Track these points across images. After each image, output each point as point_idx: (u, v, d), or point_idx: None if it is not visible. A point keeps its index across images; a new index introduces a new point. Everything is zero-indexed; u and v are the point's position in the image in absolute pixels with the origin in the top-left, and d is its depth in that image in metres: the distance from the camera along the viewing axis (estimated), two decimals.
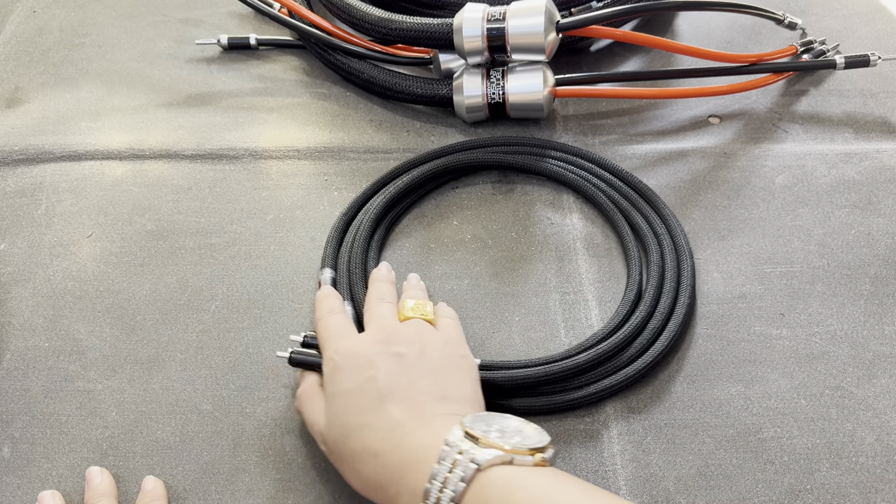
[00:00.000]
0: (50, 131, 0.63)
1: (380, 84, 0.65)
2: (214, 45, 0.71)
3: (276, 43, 0.72)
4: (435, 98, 0.64)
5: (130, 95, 0.67)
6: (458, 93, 0.61)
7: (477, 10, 0.59)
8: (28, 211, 0.57)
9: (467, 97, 0.61)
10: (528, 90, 0.60)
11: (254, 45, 0.71)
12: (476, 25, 0.58)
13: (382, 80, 0.65)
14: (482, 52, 0.59)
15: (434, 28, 0.60)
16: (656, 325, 0.48)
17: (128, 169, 0.60)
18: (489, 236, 0.56)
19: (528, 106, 0.61)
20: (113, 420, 0.46)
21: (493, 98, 0.61)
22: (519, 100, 0.60)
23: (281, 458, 0.45)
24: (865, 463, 0.44)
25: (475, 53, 0.59)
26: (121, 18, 0.76)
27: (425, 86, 0.64)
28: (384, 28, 0.62)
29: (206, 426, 0.46)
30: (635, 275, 0.52)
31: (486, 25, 0.58)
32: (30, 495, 0.43)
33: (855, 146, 0.62)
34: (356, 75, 0.66)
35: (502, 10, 0.58)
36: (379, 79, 0.65)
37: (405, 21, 0.61)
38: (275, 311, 0.52)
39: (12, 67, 0.70)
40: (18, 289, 0.53)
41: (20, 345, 0.50)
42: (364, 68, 0.66)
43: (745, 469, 0.44)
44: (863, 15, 0.73)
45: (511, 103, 0.61)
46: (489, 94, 0.60)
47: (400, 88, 0.64)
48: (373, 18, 0.63)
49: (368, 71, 0.65)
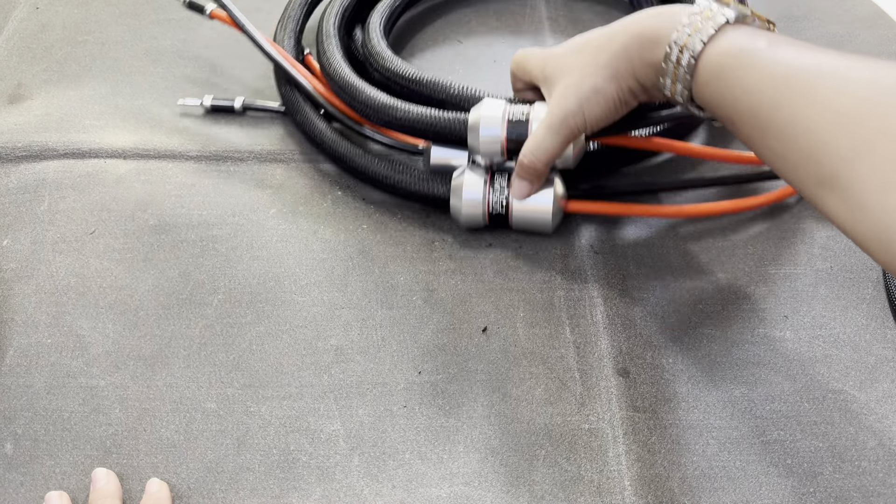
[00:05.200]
0: (53, 128, 0.63)
1: (370, 174, 0.57)
2: (197, 106, 0.65)
3: (263, 109, 0.65)
4: (428, 197, 0.56)
5: (134, 94, 0.67)
6: (456, 196, 0.53)
7: (497, 108, 0.52)
8: (31, 207, 0.57)
9: (466, 202, 0.53)
10: (536, 204, 0.52)
11: (238, 109, 0.65)
12: (495, 125, 0.51)
13: (374, 170, 0.57)
14: (499, 155, 0.52)
15: (445, 122, 0.54)
16: None
17: (132, 167, 0.60)
18: (491, 237, 0.56)
19: (534, 222, 0.53)
20: (116, 417, 0.46)
21: (495, 208, 0.53)
22: (525, 214, 0.53)
23: (285, 457, 0.45)
24: (868, 467, 0.44)
25: (491, 156, 0.52)
26: (123, 16, 0.76)
27: (419, 181, 0.56)
28: (388, 116, 0.55)
29: (211, 424, 0.46)
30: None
31: (507, 126, 0.51)
32: (33, 492, 0.43)
33: None
34: (343, 161, 0.59)
35: (526, 111, 0.51)
36: (370, 169, 0.57)
37: (413, 111, 0.55)
38: (278, 304, 0.52)
39: (15, 64, 0.70)
40: (21, 285, 0.53)
41: (23, 341, 0.49)
42: (353, 154, 0.58)
43: (748, 471, 0.44)
44: (865, 21, 0.74)
45: (516, 217, 0.53)
46: (491, 201, 0.53)
47: (392, 182, 0.56)
48: (377, 104, 0.56)
49: (358, 159, 0.57)
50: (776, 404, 0.47)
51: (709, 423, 0.46)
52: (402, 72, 0.59)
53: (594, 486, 0.43)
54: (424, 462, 0.44)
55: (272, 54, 0.62)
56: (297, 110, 0.61)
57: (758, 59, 0.38)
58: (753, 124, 0.38)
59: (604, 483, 0.43)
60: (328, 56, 0.61)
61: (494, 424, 0.46)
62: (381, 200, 0.58)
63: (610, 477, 0.44)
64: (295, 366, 0.49)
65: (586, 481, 0.43)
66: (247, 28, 0.62)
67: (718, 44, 0.40)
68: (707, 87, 0.41)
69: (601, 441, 0.45)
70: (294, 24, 0.67)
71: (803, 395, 0.47)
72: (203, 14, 0.64)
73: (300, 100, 0.61)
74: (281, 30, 0.67)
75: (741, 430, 0.45)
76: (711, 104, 0.41)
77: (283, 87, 0.63)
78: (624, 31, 0.45)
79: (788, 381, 0.48)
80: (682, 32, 0.41)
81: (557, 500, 0.43)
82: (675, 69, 0.41)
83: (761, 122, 0.38)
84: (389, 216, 0.57)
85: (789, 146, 0.36)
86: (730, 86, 0.39)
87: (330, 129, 0.60)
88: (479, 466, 0.44)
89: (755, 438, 0.45)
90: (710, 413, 0.46)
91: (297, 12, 0.67)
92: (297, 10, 0.68)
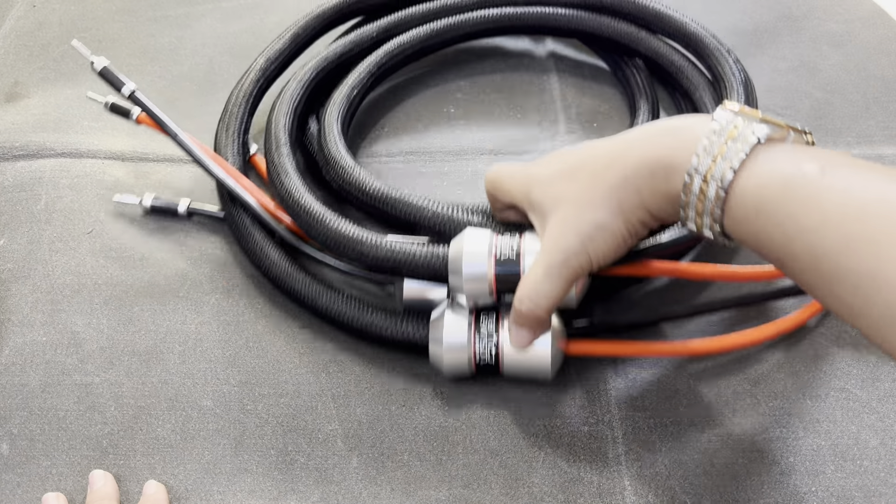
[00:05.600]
0: (51, 128, 0.62)
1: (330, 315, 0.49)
2: (136, 206, 0.56)
3: (211, 215, 0.56)
4: (403, 343, 0.47)
5: None
6: (436, 342, 0.45)
7: (481, 242, 0.43)
8: (27, 206, 0.57)
9: (448, 350, 0.44)
10: (532, 351, 0.44)
11: (182, 213, 0.56)
12: (481, 262, 0.43)
13: (335, 310, 0.48)
14: (487, 297, 0.44)
15: (422, 259, 0.45)
16: None
17: (130, 170, 0.60)
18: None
19: (529, 371, 0.45)
20: (112, 416, 0.46)
21: (483, 358, 0.44)
22: (519, 364, 0.44)
23: (283, 458, 0.44)
24: (870, 466, 0.44)
25: (476, 297, 0.44)
26: (120, 13, 0.76)
27: (391, 324, 0.47)
28: (353, 252, 0.46)
29: (207, 423, 0.46)
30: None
31: (494, 264, 0.43)
32: (29, 493, 0.43)
33: (857, 151, 0.62)
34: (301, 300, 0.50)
35: (516, 245, 0.43)
36: (331, 309, 0.48)
37: (381, 246, 0.46)
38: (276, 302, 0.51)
39: (12, 62, 0.70)
40: (18, 286, 0.52)
41: (18, 340, 0.49)
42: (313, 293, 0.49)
43: (750, 469, 0.43)
44: (865, 20, 0.74)
45: (508, 366, 0.45)
46: (478, 351, 0.44)
47: (358, 325, 0.48)
48: (339, 236, 0.47)
49: (318, 299, 0.49)
50: (778, 401, 0.46)
51: (710, 420, 0.45)
52: (365, 186, 0.50)
53: (594, 487, 0.43)
54: (423, 463, 0.44)
55: (210, 168, 0.53)
56: (244, 236, 0.52)
57: (813, 191, 0.31)
58: (815, 270, 0.31)
59: (604, 484, 0.43)
60: (279, 171, 0.52)
61: (493, 425, 0.46)
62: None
63: (610, 477, 0.43)
64: (292, 363, 0.48)
65: (586, 482, 0.43)
66: (180, 138, 0.54)
67: (754, 171, 0.33)
68: (745, 223, 0.33)
69: (600, 442, 0.45)
70: (238, 124, 0.57)
71: (805, 393, 0.47)
72: (128, 119, 0.55)
73: (247, 223, 0.52)
74: (223, 130, 0.57)
75: (743, 427, 0.45)
76: (752, 243, 0.34)
77: (227, 205, 0.54)
78: (626, 156, 0.37)
79: (791, 377, 0.47)
80: (703, 159, 0.34)
81: (557, 501, 0.42)
82: (700, 201, 0.34)
83: (826, 268, 0.30)
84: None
85: (870, 300, 0.29)
86: (778, 223, 0.32)
87: (282, 255, 0.51)
88: (479, 468, 0.44)
89: (758, 436, 0.45)
90: (712, 410, 0.46)
91: (241, 109, 0.58)
92: (240, 106, 0.58)
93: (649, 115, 0.62)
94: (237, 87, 0.60)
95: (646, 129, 0.38)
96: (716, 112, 0.35)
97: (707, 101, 0.60)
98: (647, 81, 0.64)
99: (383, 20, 0.65)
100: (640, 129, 0.38)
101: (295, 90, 0.58)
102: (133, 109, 0.55)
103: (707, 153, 0.34)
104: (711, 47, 0.61)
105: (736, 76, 0.58)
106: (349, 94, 0.59)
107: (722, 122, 0.34)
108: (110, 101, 0.55)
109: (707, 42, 0.61)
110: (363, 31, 0.64)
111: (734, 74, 0.59)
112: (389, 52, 0.63)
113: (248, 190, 0.52)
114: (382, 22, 0.65)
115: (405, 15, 0.65)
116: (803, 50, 0.71)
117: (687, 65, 0.63)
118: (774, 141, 0.34)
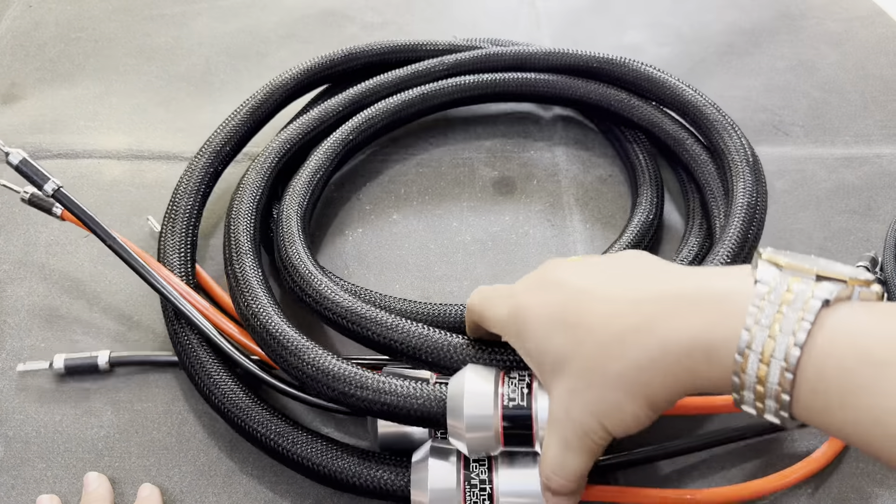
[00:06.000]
0: (48, 129, 0.62)
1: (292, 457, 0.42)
2: (45, 370, 0.47)
3: (141, 361, 0.48)
4: (378, 491, 0.40)
5: (128, 93, 0.67)
6: (420, 489, 0.38)
7: (485, 382, 0.37)
8: (24, 208, 0.57)
9: (435, 500, 0.37)
10: (534, 496, 0.37)
11: (104, 367, 0.47)
12: (486, 405, 0.36)
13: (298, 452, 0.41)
14: (494, 447, 0.37)
15: (417, 402, 0.37)
16: None
17: (125, 169, 0.60)
18: (489, 238, 0.56)
19: None
20: (108, 419, 0.46)
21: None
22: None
23: None
24: (865, 468, 0.43)
25: (482, 451, 0.37)
26: (116, 12, 0.76)
27: (363, 469, 0.40)
28: (334, 390, 0.39)
29: (203, 427, 0.46)
30: None
31: (501, 409, 0.36)
32: (24, 496, 0.43)
33: (855, 150, 0.62)
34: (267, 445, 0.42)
35: (522, 388, 0.36)
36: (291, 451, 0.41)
37: (368, 384, 0.38)
38: None
39: (8, 62, 0.70)
40: (14, 287, 0.52)
41: (16, 344, 0.49)
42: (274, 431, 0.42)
43: (745, 469, 0.43)
44: (863, 19, 0.73)
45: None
46: (468, 501, 0.37)
47: (323, 471, 0.41)
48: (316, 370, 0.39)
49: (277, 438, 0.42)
50: None
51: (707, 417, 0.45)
52: (333, 302, 0.43)
53: None
54: None
55: (157, 283, 0.45)
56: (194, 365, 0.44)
57: None
58: None
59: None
60: (243, 286, 0.44)
61: None
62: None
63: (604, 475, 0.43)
64: None
65: None
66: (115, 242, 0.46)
67: (827, 343, 0.26)
68: (826, 413, 0.26)
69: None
70: (186, 220, 0.50)
71: None
72: (52, 215, 0.47)
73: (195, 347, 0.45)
74: (168, 226, 0.50)
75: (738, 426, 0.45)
76: (832, 427, 0.27)
77: (172, 326, 0.46)
78: (648, 333, 0.30)
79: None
80: (756, 333, 0.27)
81: None
82: (760, 384, 0.27)
83: None
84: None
85: None
86: (872, 405, 0.25)
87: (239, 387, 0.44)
88: None
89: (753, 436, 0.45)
90: None
91: (190, 201, 0.51)
92: (189, 196, 0.51)
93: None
94: (187, 173, 0.52)
95: (665, 292, 0.31)
96: (758, 270, 0.28)
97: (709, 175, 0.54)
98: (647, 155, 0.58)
99: (352, 90, 0.59)
100: (657, 291, 0.31)
101: (255, 181, 0.51)
102: (55, 207, 0.47)
103: (759, 325, 0.27)
104: (713, 119, 0.54)
105: (741, 153, 0.51)
106: (310, 180, 0.52)
107: (770, 282, 0.28)
108: (28, 195, 0.48)
109: (708, 114, 0.54)
110: (328, 106, 0.58)
111: (738, 151, 0.51)
112: (356, 127, 0.57)
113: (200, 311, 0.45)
114: (351, 93, 0.59)
115: (375, 84, 0.59)
116: (802, 49, 0.71)
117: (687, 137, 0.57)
118: (840, 301, 0.27)
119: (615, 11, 0.77)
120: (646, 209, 0.54)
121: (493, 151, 0.62)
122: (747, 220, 0.47)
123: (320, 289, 0.44)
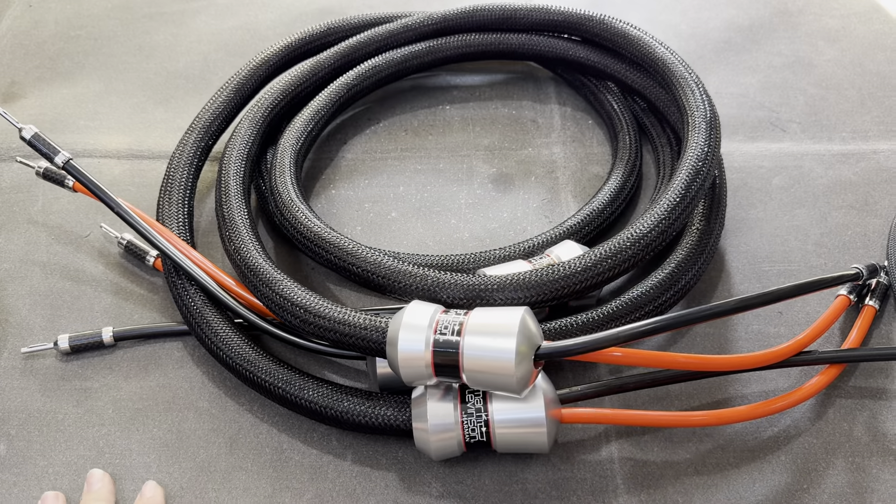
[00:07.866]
0: (48, 128, 0.62)
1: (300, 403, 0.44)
2: (50, 349, 0.49)
3: (144, 335, 0.49)
4: (380, 426, 0.43)
5: (127, 91, 0.67)
6: (420, 420, 0.41)
7: (423, 315, 0.40)
8: (24, 207, 0.57)
9: (434, 432, 0.41)
10: (525, 423, 0.41)
11: (108, 341, 0.49)
12: (418, 338, 0.39)
13: (305, 397, 0.44)
14: (427, 378, 0.40)
15: (360, 331, 0.42)
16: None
17: (126, 168, 0.60)
18: (487, 235, 0.56)
19: (524, 443, 0.42)
20: (109, 417, 0.46)
21: (472, 436, 0.41)
22: (511, 437, 0.41)
23: (278, 455, 0.45)
24: (861, 464, 0.44)
25: (418, 379, 0.40)
26: (116, 9, 0.76)
27: (365, 406, 0.44)
28: (297, 318, 0.44)
29: (203, 423, 0.46)
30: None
31: (433, 337, 0.39)
32: (26, 492, 0.43)
33: (852, 146, 0.62)
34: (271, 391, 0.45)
35: (457, 323, 0.39)
36: (299, 396, 0.44)
37: (326, 314, 0.43)
38: None
39: (8, 61, 0.70)
40: (15, 286, 0.52)
41: (17, 343, 0.49)
42: (281, 379, 0.45)
43: (742, 468, 0.44)
44: (861, 14, 0.73)
45: (501, 441, 0.41)
46: (466, 428, 0.41)
47: (331, 413, 0.44)
48: (282, 300, 0.44)
49: (285, 385, 0.45)
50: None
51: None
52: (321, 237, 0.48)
53: (587, 484, 0.43)
54: (417, 460, 0.44)
55: (158, 242, 0.48)
56: (193, 318, 0.47)
57: None
58: None
59: (596, 483, 0.43)
60: (229, 225, 0.49)
61: None
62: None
63: (603, 475, 0.43)
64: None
65: (579, 480, 0.43)
66: (122, 209, 0.49)
67: None
68: None
69: (594, 441, 0.45)
70: (181, 191, 0.53)
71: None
72: (64, 187, 0.52)
73: (196, 301, 0.48)
74: (165, 195, 0.53)
75: (735, 427, 0.45)
76: None
77: (172, 278, 0.49)
78: None
79: (783, 376, 0.48)
80: None
81: (551, 498, 0.43)
82: None
83: None
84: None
85: None
86: None
87: (242, 340, 0.46)
88: (472, 465, 0.44)
89: (749, 435, 0.45)
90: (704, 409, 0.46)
91: (184, 173, 0.54)
92: (183, 169, 0.54)
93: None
94: (179, 148, 0.55)
95: None
96: None
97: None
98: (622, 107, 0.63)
99: (342, 45, 0.63)
100: None
101: (247, 129, 0.56)
102: (67, 179, 0.51)
103: None
104: (678, 75, 0.55)
105: (699, 110, 0.52)
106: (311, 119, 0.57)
107: None
108: (42, 169, 0.52)
109: (674, 69, 0.56)
110: (321, 59, 0.62)
111: (698, 108, 0.53)
112: (347, 83, 0.61)
113: (196, 263, 0.48)
114: (342, 47, 0.63)
115: (367, 38, 0.63)
116: (799, 45, 0.71)
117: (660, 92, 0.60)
118: None
119: (613, 9, 0.77)
120: (625, 155, 0.58)
121: (491, 148, 0.62)
122: (691, 175, 0.49)
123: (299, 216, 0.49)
